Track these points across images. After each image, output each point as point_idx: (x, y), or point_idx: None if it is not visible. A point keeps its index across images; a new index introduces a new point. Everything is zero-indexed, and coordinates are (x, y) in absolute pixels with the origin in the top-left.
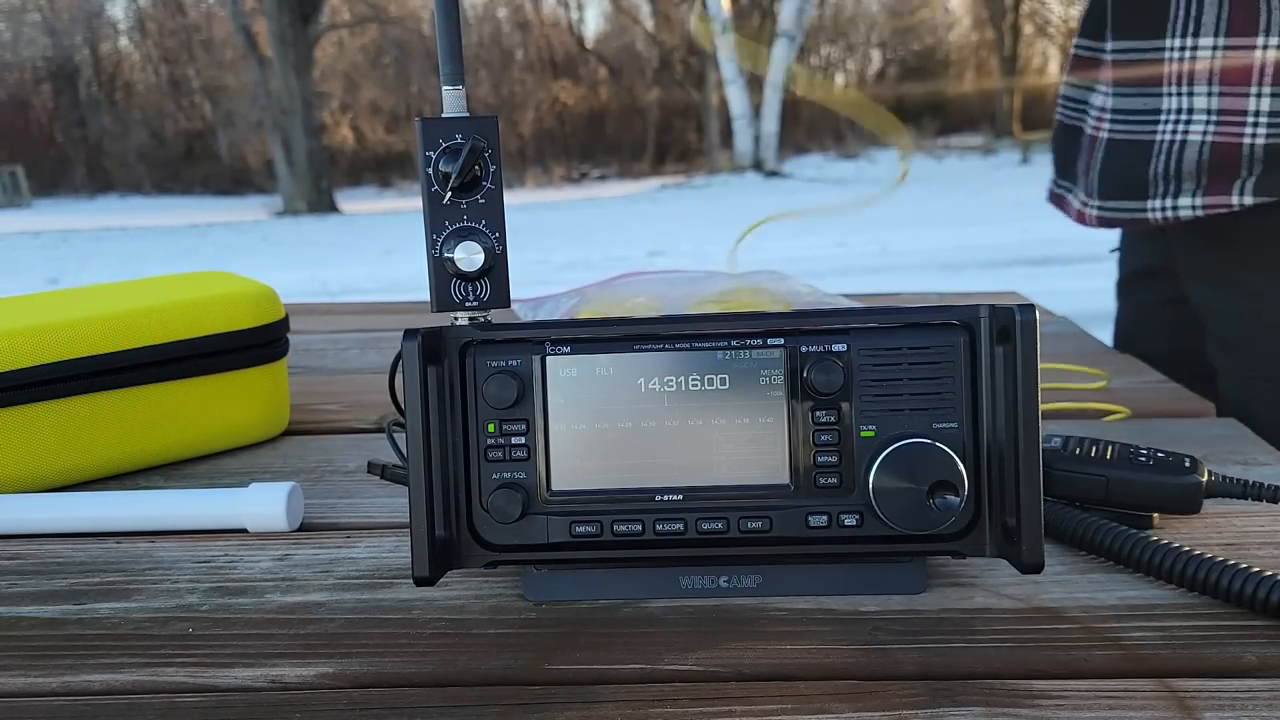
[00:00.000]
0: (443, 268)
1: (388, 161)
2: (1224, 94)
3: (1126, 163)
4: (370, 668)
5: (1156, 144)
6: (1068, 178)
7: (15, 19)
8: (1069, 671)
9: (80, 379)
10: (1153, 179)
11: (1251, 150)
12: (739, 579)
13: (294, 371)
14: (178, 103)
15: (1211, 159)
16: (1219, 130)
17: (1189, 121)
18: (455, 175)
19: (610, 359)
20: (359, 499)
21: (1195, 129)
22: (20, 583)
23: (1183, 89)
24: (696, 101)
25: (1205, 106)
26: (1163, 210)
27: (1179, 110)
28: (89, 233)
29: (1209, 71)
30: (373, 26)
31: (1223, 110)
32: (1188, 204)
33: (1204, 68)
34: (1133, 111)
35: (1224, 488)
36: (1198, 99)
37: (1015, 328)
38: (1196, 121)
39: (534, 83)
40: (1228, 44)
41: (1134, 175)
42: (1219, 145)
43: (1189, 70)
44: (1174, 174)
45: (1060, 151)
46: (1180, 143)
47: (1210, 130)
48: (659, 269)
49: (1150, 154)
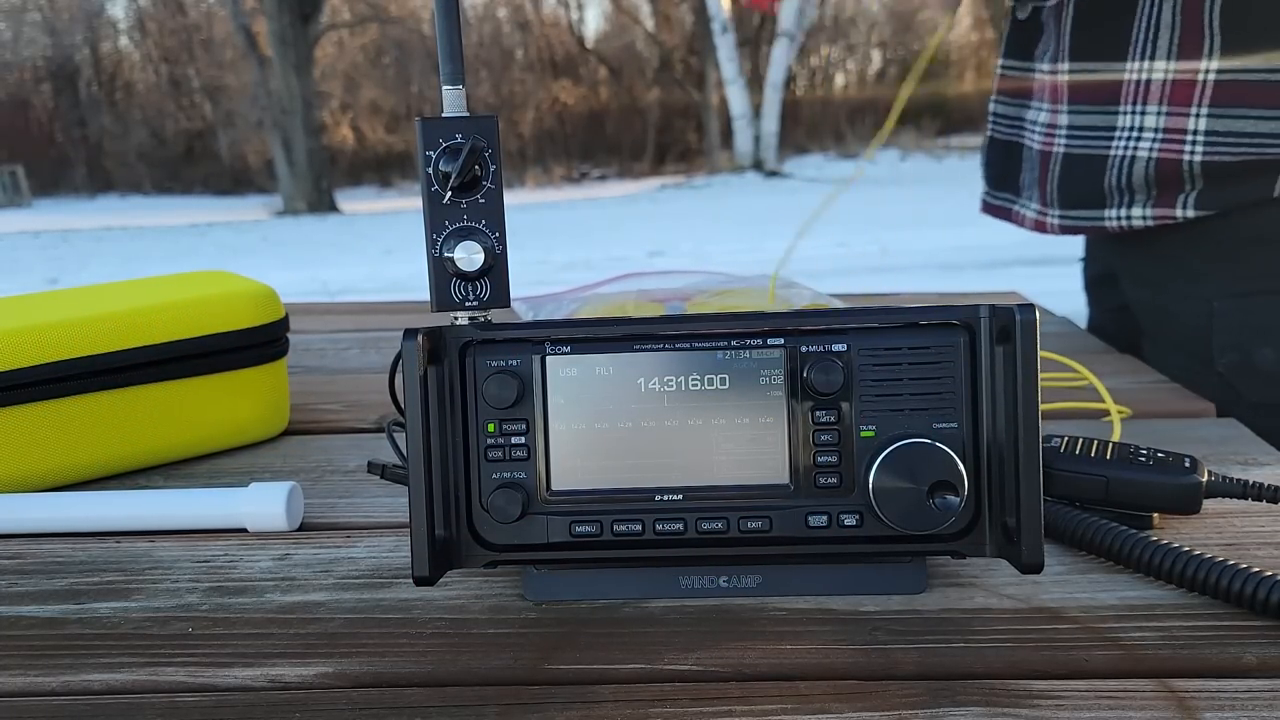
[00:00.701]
0: (443, 267)
1: (388, 161)
2: (1170, 113)
3: (1084, 175)
4: (370, 667)
5: (1111, 158)
6: (1007, 189)
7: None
8: (1069, 671)
9: (80, 379)
10: (1109, 190)
11: (1190, 166)
12: (739, 579)
13: (294, 371)
14: (178, 102)
15: (1157, 174)
16: (1163, 147)
17: (1139, 138)
18: (455, 175)
19: (610, 359)
20: (359, 499)
21: (1144, 145)
22: (20, 582)
23: (1137, 107)
24: (696, 101)
25: (1154, 125)
26: (1118, 219)
27: (1132, 127)
28: (89, 232)
29: (1160, 92)
30: (373, 26)
31: (1167, 129)
32: (1139, 214)
33: (1156, 88)
34: (1089, 128)
35: (1224, 488)
36: (1148, 117)
37: (1015, 328)
38: (1145, 138)
39: (534, 83)
40: (1177, 66)
41: (1092, 187)
42: (1163, 161)
43: (1144, 90)
44: (1126, 186)
45: (995, 164)
46: (1131, 158)
47: (1156, 147)
48: (660, 269)
49: (1105, 167)
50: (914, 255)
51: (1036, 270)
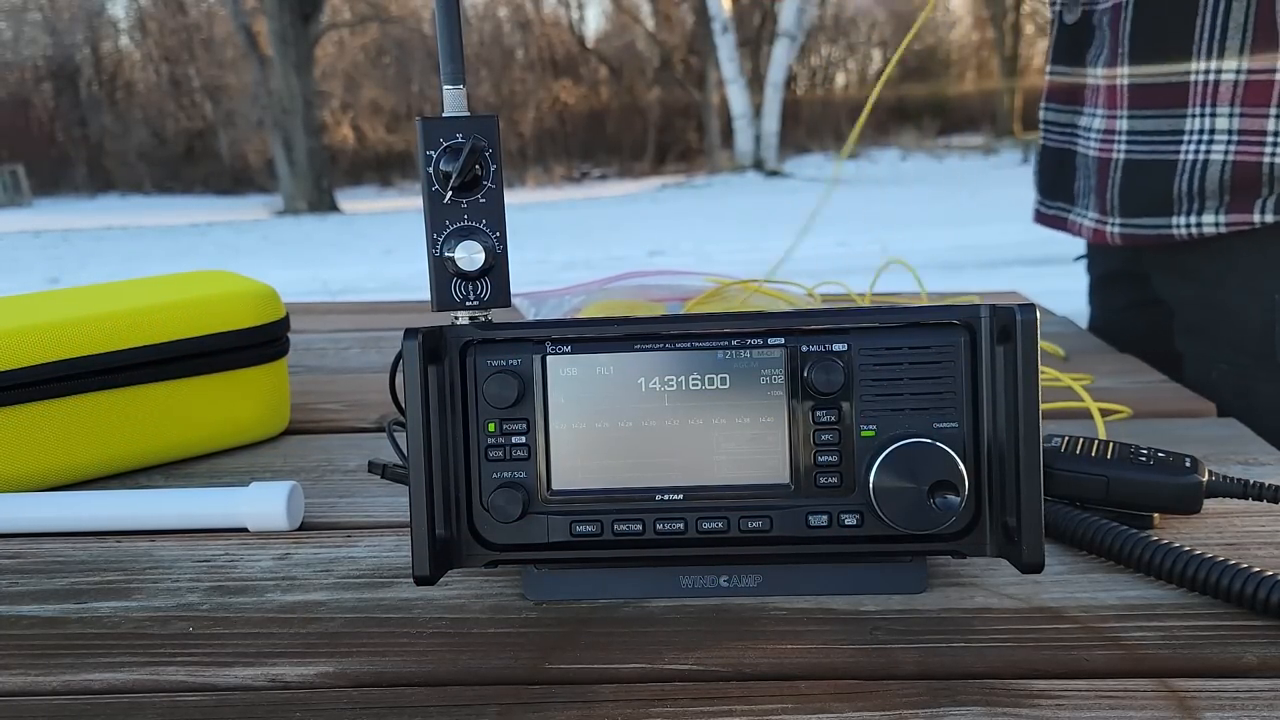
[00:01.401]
0: (443, 267)
1: (388, 161)
2: (1245, 114)
3: (1148, 182)
4: (370, 667)
5: (1180, 164)
6: (1060, 198)
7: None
8: (1069, 671)
9: (80, 379)
10: (1177, 197)
11: (1271, 169)
12: (739, 579)
13: (294, 371)
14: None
15: (1233, 178)
16: (1240, 150)
17: (1211, 141)
18: (456, 175)
19: (611, 358)
20: (359, 498)
21: (1217, 149)
22: (21, 582)
23: (1206, 109)
24: (697, 101)
25: (1227, 127)
26: (1187, 227)
27: (1202, 131)
28: (89, 232)
29: (1232, 93)
30: (373, 26)
31: (1243, 130)
32: (1211, 221)
33: (1227, 89)
34: (1153, 133)
35: (1224, 488)
36: (1219, 119)
37: (1015, 328)
38: (1219, 141)
39: (534, 82)
40: (1250, 65)
41: (1157, 194)
42: (1240, 164)
43: (1213, 91)
44: (1198, 192)
45: (1048, 172)
46: (1203, 162)
47: (1232, 150)
48: (665, 269)
49: (1174, 173)
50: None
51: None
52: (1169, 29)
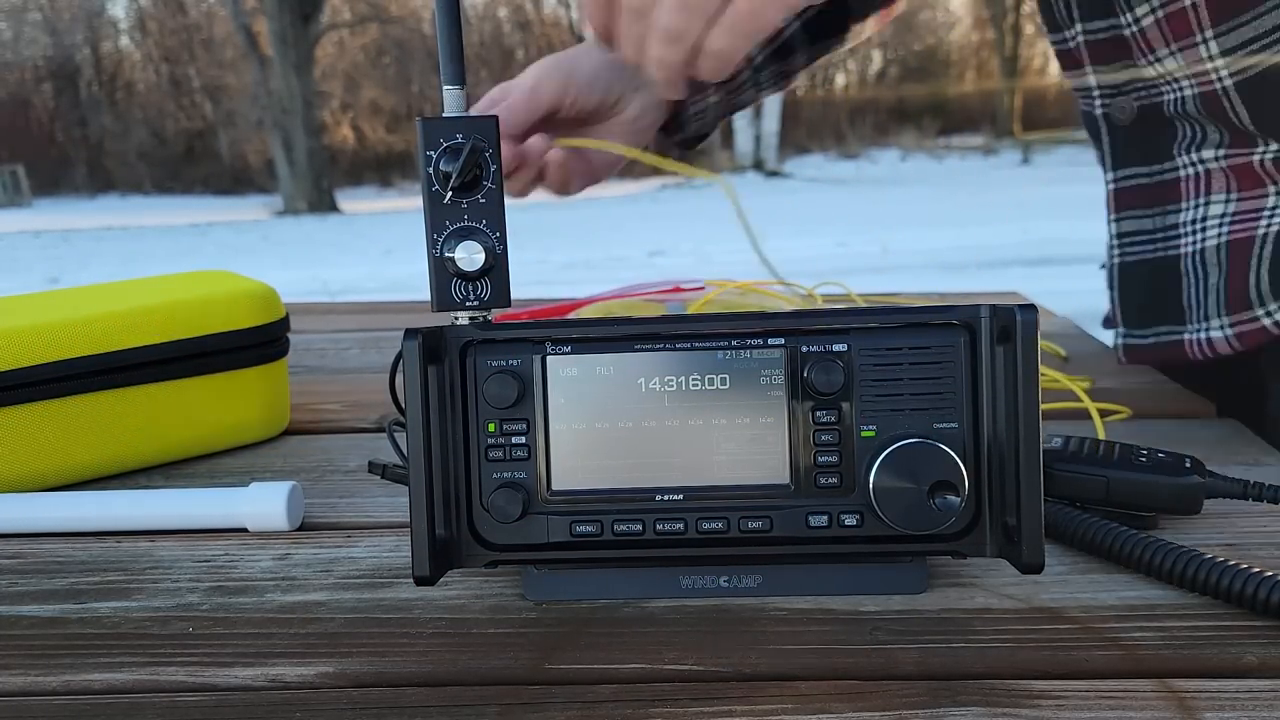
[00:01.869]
0: (443, 267)
1: (388, 161)
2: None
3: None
4: (370, 667)
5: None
6: (1165, 321)
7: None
8: (1069, 671)
9: (80, 379)
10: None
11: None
12: (739, 579)
13: (294, 371)
14: (178, 102)
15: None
16: None
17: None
18: (456, 175)
19: (610, 359)
20: (359, 498)
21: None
22: (20, 582)
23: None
24: None
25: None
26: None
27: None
28: (89, 232)
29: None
30: (373, 26)
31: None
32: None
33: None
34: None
35: (1224, 488)
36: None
37: (1015, 328)
38: None
39: None
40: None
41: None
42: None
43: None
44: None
45: (1135, 294)
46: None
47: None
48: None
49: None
50: (914, 255)
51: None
52: None
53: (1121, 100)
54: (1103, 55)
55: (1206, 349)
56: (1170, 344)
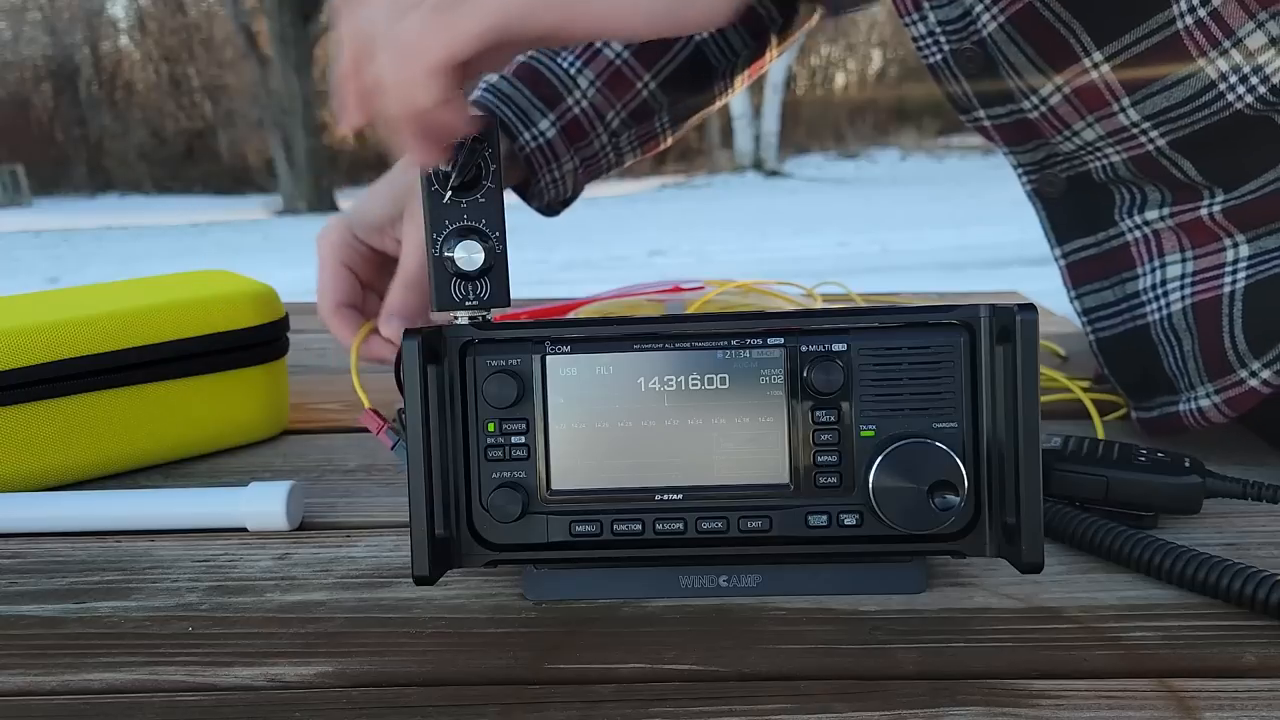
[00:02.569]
0: (443, 267)
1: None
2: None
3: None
4: (370, 667)
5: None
6: (1159, 392)
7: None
8: (1069, 671)
9: (80, 378)
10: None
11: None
12: (739, 578)
13: (294, 371)
14: (178, 102)
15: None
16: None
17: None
18: (455, 174)
19: (610, 358)
20: (359, 498)
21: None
22: (20, 581)
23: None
24: None
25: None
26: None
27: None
28: (89, 232)
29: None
30: None
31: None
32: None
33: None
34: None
35: (1224, 488)
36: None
37: (1015, 328)
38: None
39: None
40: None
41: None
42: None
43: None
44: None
45: (1128, 369)
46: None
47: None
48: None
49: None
50: (915, 255)
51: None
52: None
53: (1048, 174)
54: (1013, 136)
55: (1201, 419)
56: (1172, 416)
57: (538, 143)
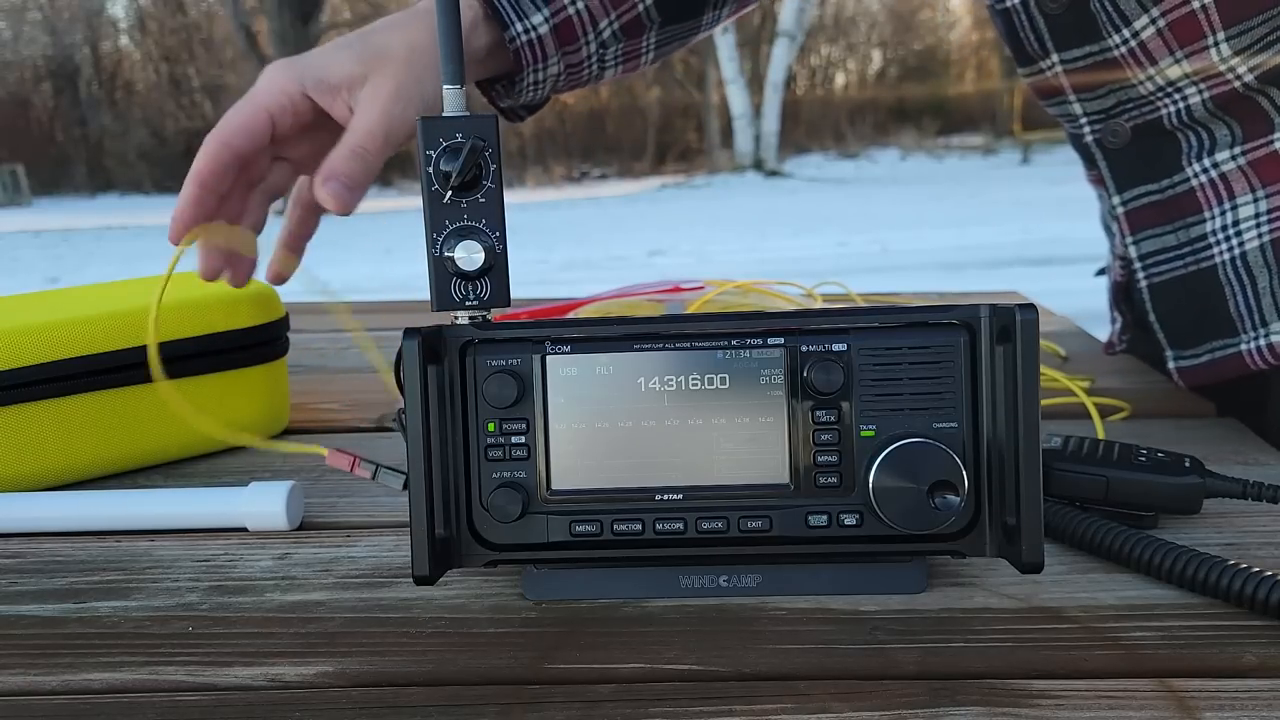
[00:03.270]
0: (443, 267)
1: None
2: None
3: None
4: (370, 667)
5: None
6: (1216, 335)
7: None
8: (1069, 671)
9: (80, 378)
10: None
11: None
12: (739, 578)
13: (294, 371)
14: (178, 101)
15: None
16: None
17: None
18: (455, 174)
19: (610, 358)
20: (359, 498)
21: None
22: (20, 581)
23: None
24: (697, 101)
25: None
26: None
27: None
28: (89, 231)
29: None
30: None
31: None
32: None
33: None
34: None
35: (1224, 488)
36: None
37: (1015, 328)
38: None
39: None
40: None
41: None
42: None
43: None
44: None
45: (1177, 314)
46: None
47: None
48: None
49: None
50: (914, 255)
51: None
52: None
53: (1113, 124)
54: (1086, 82)
55: (1269, 356)
56: (1226, 358)
57: (529, 36)
